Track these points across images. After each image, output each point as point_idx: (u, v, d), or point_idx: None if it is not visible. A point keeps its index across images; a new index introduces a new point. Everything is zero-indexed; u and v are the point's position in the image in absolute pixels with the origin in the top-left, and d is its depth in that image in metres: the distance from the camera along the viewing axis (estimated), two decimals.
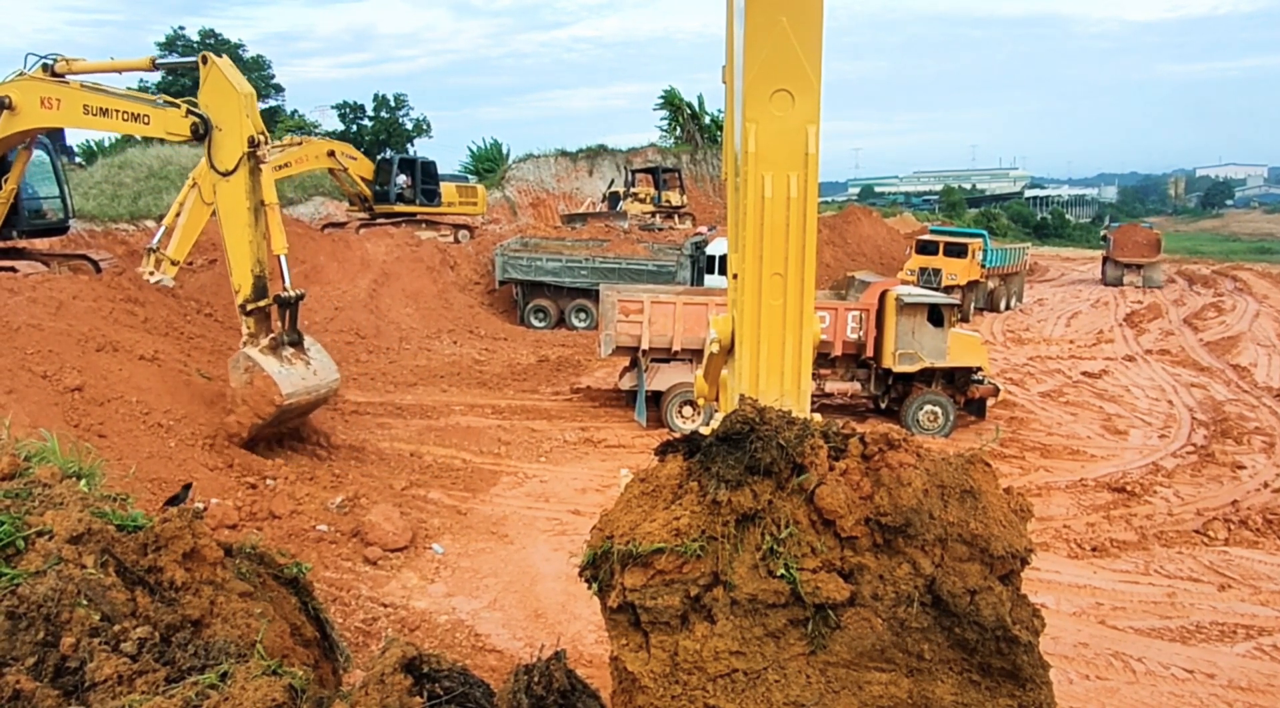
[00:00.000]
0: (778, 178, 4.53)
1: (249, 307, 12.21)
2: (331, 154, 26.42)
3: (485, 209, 32.85)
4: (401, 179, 28.38)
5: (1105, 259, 42.19)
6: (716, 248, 25.29)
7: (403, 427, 15.20)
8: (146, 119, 12.85)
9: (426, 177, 29.13)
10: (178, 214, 19.31)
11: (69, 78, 13.28)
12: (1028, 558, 3.82)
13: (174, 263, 19.47)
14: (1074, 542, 11.24)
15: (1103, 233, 51.23)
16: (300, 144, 25.78)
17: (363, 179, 27.58)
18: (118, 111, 13.05)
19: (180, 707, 2.82)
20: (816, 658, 3.65)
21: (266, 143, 12.43)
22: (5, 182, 15.06)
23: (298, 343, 12.58)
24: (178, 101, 12.66)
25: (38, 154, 15.97)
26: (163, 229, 19.78)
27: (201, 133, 12.23)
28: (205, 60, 12.37)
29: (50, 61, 13.39)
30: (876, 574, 3.69)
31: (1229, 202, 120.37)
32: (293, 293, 12.43)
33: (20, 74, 13.45)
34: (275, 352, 12.19)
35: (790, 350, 4.74)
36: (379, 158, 29.57)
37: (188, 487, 8.89)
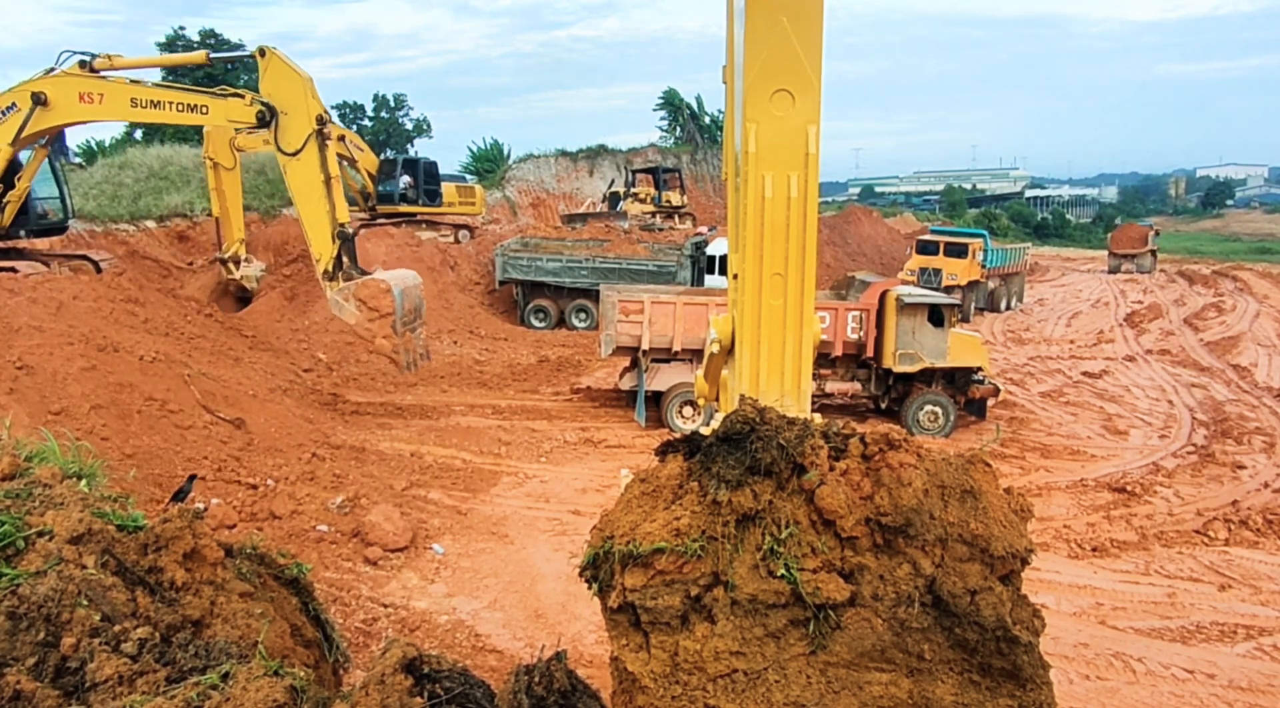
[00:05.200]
0: (778, 178, 4.52)
1: (330, 269, 13.41)
2: (342, 139, 26.53)
3: (484, 209, 32.92)
4: (404, 180, 28.40)
5: (1108, 252, 49.90)
6: (717, 248, 25.29)
7: (403, 427, 15.19)
8: (205, 109, 13.63)
9: (428, 177, 29.13)
10: (218, 202, 19.87)
11: (109, 74, 13.63)
12: (1028, 558, 3.82)
13: (241, 241, 20.00)
14: (1074, 542, 11.24)
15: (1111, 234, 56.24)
16: None
17: (367, 175, 27.69)
18: (171, 103, 13.66)
19: (181, 707, 2.82)
20: (817, 658, 3.65)
21: (329, 121, 13.33)
22: (19, 180, 15.14)
23: (365, 273, 13.88)
24: (240, 91, 13.32)
25: (26, 152, 16.04)
26: (217, 231, 20.46)
27: (267, 119, 13.03)
28: (263, 53, 13.17)
29: (87, 58, 13.70)
30: (877, 574, 3.69)
31: (1229, 202, 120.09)
32: (349, 229, 13.66)
33: (49, 71, 13.68)
34: (351, 278, 13.47)
35: (790, 350, 4.74)
36: (382, 158, 29.61)
37: (192, 478, 8.92)
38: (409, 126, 54.73)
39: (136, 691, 2.93)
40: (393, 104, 54.24)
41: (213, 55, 14.86)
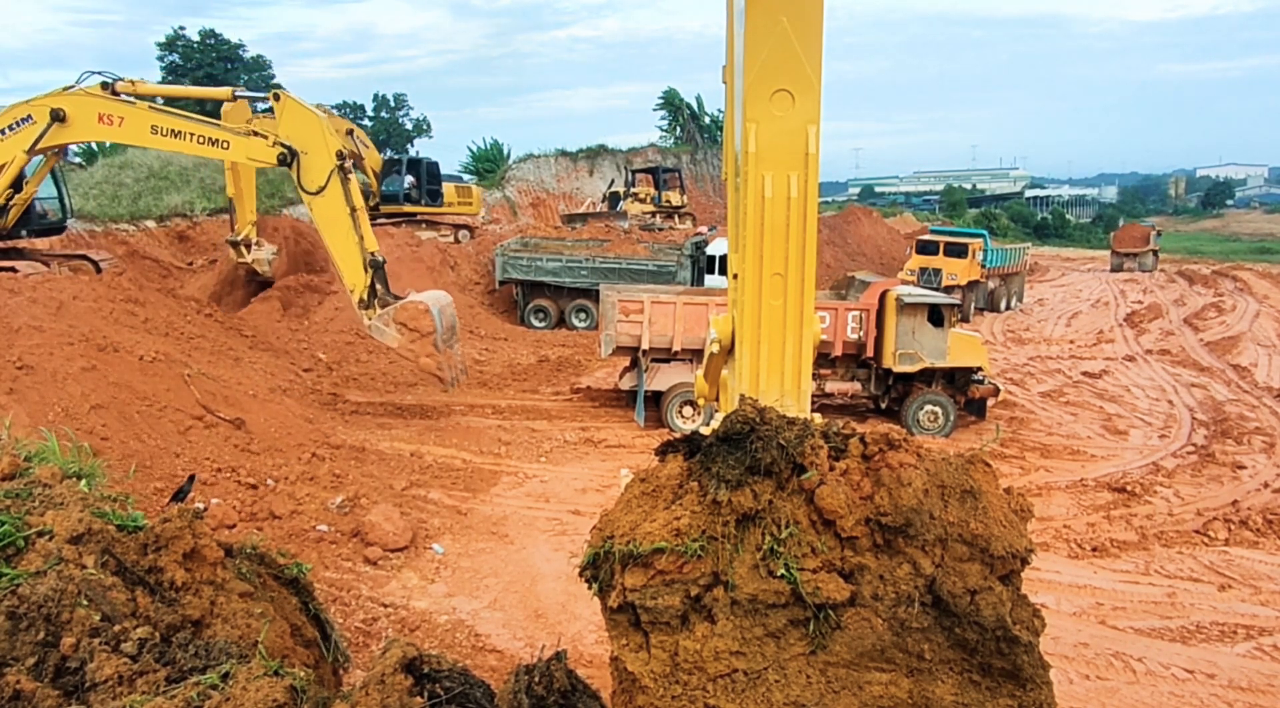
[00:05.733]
0: (778, 178, 4.52)
1: (365, 298, 13.74)
2: (350, 133, 26.69)
3: (480, 209, 33.08)
4: (408, 179, 28.59)
5: (1111, 251, 51.38)
6: (716, 248, 25.29)
7: (403, 427, 15.19)
8: (226, 144, 13.94)
9: (430, 177, 29.33)
10: (233, 183, 20.14)
11: (127, 97, 13.89)
12: (1028, 558, 3.82)
13: (253, 224, 20.29)
14: (1074, 542, 11.24)
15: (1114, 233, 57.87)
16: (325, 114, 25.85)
17: (373, 173, 27.89)
18: (192, 134, 13.96)
19: (181, 707, 2.82)
20: (817, 658, 3.65)
21: (349, 155, 13.83)
22: (26, 184, 15.27)
23: (399, 298, 14.45)
24: (263, 132, 13.75)
25: (36, 157, 16.13)
26: (231, 214, 20.67)
27: (288, 161, 13.38)
28: (278, 97, 13.66)
29: (109, 79, 13.93)
30: (877, 574, 3.69)
31: (1229, 202, 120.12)
32: (380, 257, 14.13)
33: (67, 88, 13.91)
34: (387, 304, 14.04)
35: (790, 350, 4.73)
36: (387, 158, 29.78)
37: (192, 478, 8.93)
38: (409, 126, 54.75)
39: (136, 691, 2.93)
40: (393, 104, 54.28)
41: (238, 94, 15.07)
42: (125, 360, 12.06)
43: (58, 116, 13.73)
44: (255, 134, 13.70)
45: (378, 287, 13.95)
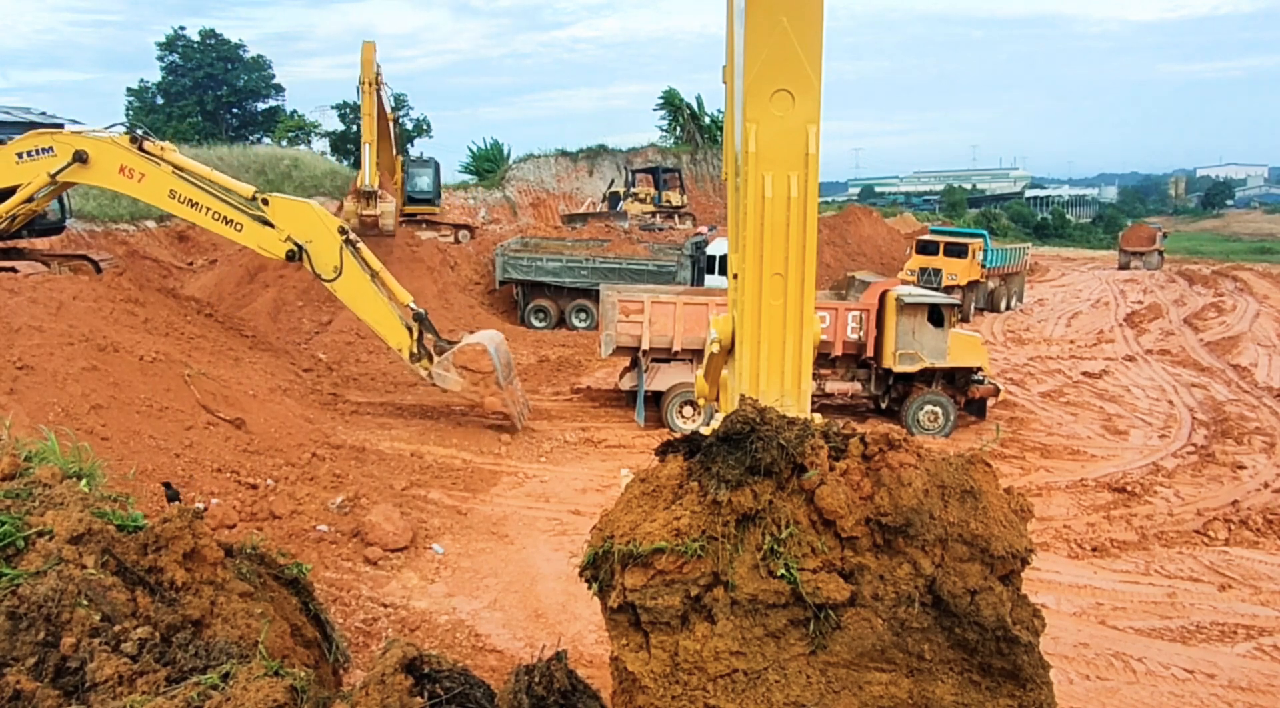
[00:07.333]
0: (778, 178, 4.52)
1: (414, 352, 13.93)
2: (397, 122, 27.22)
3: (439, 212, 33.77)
4: (425, 180, 29.14)
5: (1119, 249, 53.63)
6: (717, 248, 25.30)
7: (403, 427, 15.19)
8: (239, 227, 13.95)
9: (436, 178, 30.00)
10: (369, 128, 20.31)
11: (153, 157, 14.11)
12: (1028, 558, 3.82)
13: (375, 174, 20.60)
14: (1074, 542, 11.24)
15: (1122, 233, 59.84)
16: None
17: (401, 170, 28.43)
18: (208, 209, 13.97)
19: (181, 707, 2.82)
20: (817, 658, 3.65)
21: (349, 230, 13.97)
22: (37, 200, 15.36)
23: (452, 343, 14.58)
24: (275, 224, 13.80)
25: None
26: (365, 169, 20.71)
27: (297, 255, 13.61)
28: (266, 201, 13.82)
29: (136, 133, 14.15)
30: (877, 574, 3.69)
31: (1229, 202, 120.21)
32: (421, 309, 14.28)
33: (93, 131, 13.98)
34: (443, 350, 14.10)
35: (790, 350, 4.73)
36: (416, 157, 30.36)
37: (166, 486, 8.89)
38: (409, 127, 54.66)
39: (136, 691, 2.94)
40: (393, 104, 54.18)
41: (256, 195, 15.11)
42: (125, 360, 12.06)
43: (80, 157, 13.78)
44: (269, 225, 13.81)
45: (427, 336, 14.05)
